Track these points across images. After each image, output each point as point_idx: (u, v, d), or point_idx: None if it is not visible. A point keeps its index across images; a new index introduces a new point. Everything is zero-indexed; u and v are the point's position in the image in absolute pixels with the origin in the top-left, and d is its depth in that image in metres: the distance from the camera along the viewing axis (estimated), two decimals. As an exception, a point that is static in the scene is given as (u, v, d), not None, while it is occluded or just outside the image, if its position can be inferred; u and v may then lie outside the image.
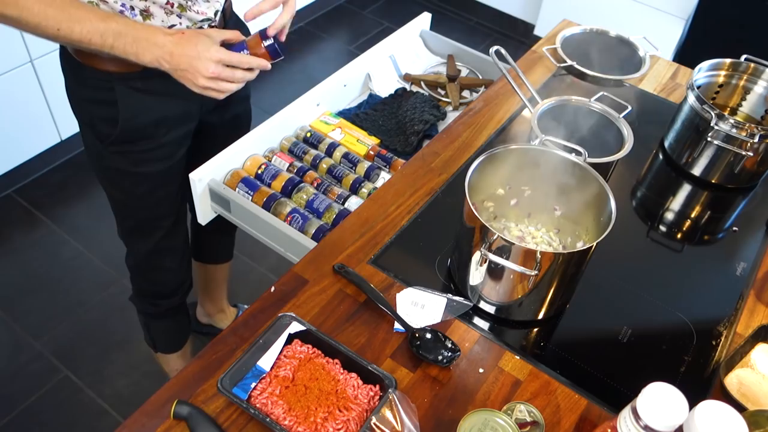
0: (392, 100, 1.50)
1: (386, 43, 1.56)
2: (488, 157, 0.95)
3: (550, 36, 1.57)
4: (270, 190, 1.26)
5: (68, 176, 2.33)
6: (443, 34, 1.65)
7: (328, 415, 0.79)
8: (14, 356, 1.83)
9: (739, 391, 0.87)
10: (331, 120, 1.43)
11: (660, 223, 1.18)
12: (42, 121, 2.17)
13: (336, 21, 3.28)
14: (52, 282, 2.02)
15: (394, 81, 1.57)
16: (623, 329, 0.97)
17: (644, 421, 0.64)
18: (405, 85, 1.55)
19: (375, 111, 1.48)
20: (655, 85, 1.47)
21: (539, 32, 3.10)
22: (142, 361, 1.84)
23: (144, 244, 1.34)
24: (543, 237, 1.06)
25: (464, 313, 0.95)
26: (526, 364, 0.90)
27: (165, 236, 1.33)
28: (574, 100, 1.20)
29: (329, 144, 1.36)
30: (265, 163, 1.29)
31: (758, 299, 1.04)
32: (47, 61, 2.05)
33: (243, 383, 0.82)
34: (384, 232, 1.07)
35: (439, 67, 1.62)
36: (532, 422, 0.82)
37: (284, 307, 0.93)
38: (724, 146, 1.16)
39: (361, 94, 1.56)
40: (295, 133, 1.41)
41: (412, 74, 1.57)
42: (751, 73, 1.27)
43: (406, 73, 1.57)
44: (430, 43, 1.65)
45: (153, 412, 0.81)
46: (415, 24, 1.63)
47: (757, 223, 1.17)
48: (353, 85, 1.52)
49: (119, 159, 1.18)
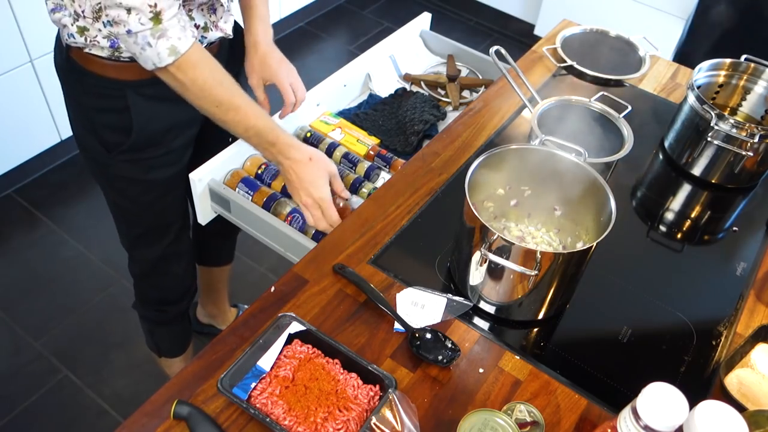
0: (392, 100, 1.49)
1: (386, 43, 1.56)
2: (488, 157, 0.95)
3: (550, 36, 1.57)
4: (270, 190, 1.26)
5: (68, 176, 2.33)
6: (443, 34, 1.65)
7: (328, 415, 0.79)
8: (14, 356, 1.83)
9: (739, 391, 0.87)
10: (331, 120, 1.43)
11: (660, 223, 1.18)
12: (42, 121, 2.17)
13: (336, 21, 3.28)
14: (52, 282, 2.02)
15: (394, 81, 1.56)
16: (623, 329, 0.97)
17: (644, 421, 0.64)
18: (405, 85, 1.55)
19: (375, 111, 1.48)
20: (655, 85, 1.47)
21: (539, 32, 3.10)
22: (142, 361, 1.84)
23: (152, 251, 1.33)
24: (543, 237, 1.06)
25: (464, 313, 0.95)
26: (526, 364, 0.90)
27: (173, 242, 1.33)
28: (574, 100, 1.20)
29: (329, 144, 1.36)
30: (265, 163, 1.29)
31: (758, 299, 1.03)
32: (47, 61, 2.04)
33: (243, 383, 0.82)
34: (384, 232, 1.07)
35: (439, 67, 1.62)
36: (532, 422, 0.82)
37: (284, 307, 0.93)
38: (724, 146, 1.16)
39: (361, 94, 1.56)
40: (295, 133, 1.41)
41: (412, 74, 1.57)
42: (751, 73, 1.27)
43: (406, 73, 1.57)
44: (430, 43, 1.65)
45: (153, 412, 0.81)
46: (415, 24, 1.63)
47: (757, 223, 1.17)
48: (353, 85, 1.52)
49: (127, 167, 1.17)
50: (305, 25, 3.20)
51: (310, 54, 3.05)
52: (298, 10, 3.09)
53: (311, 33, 3.18)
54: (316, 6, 3.22)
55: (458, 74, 1.56)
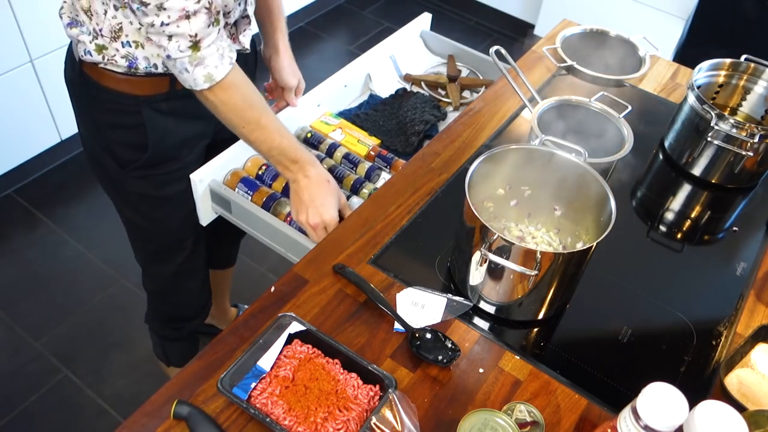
0: (393, 100, 1.49)
1: (386, 43, 1.56)
2: (488, 157, 0.95)
3: (550, 36, 1.57)
4: (269, 189, 1.26)
5: (68, 176, 2.33)
6: (443, 34, 1.65)
7: (328, 415, 0.79)
8: (14, 356, 1.83)
9: (739, 391, 0.87)
10: (331, 120, 1.43)
11: (660, 223, 1.18)
12: (42, 121, 2.17)
13: (336, 21, 3.28)
14: (52, 282, 2.02)
15: (394, 81, 1.56)
16: (623, 329, 0.97)
17: (644, 421, 0.64)
18: (405, 86, 1.55)
19: (375, 111, 1.47)
20: (655, 85, 1.47)
21: (539, 32, 3.10)
22: (142, 361, 1.84)
23: (167, 267, 1.32)
24: (543, 237, 1.06)
25: (464, 313, 0.95)
26: (526, 364, 0.90)
27: (188, 257, 1.32)
28: (574, 100, 1.20)
29: (330, 144, 1.36)
30: (266, 164, 1.29)
31: (758, 299, 1.03)
32: (47, 61, 2.05)
33: (243, 383, 0.82)
34: (384, 232, 1.07)
35: (439, 68, 1.61)
36: (532, 422, 0.82)
37: (284, 307, 0.93)
38: (724, 146, 1.16)
39: (361, 94, 1.56)
40: (295, 134, 1.41)
41: (412, 74, 1.56)
42: (751, 73, 1.27)
43: (407, 73, 1.57)
44: (431, 43, 1.65)
45: (153, 412, 0.81)
46: (416, 24, 1.63)
47: (757, 223, 1.17)
48: (354, 85, 1.52)
49: (141, 183, 1.16)
50: (305, 25, 3.20)
51: (310, 54, 3.05)
52: (298, 10, 3.09)
53: (311, 33, 3.18)
54: (316, 6, 3.22)
55: (459, 74, 1.56)
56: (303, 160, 1.10)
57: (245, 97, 1.04)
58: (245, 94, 1.04)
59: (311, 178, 1.11)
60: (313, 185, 1.11)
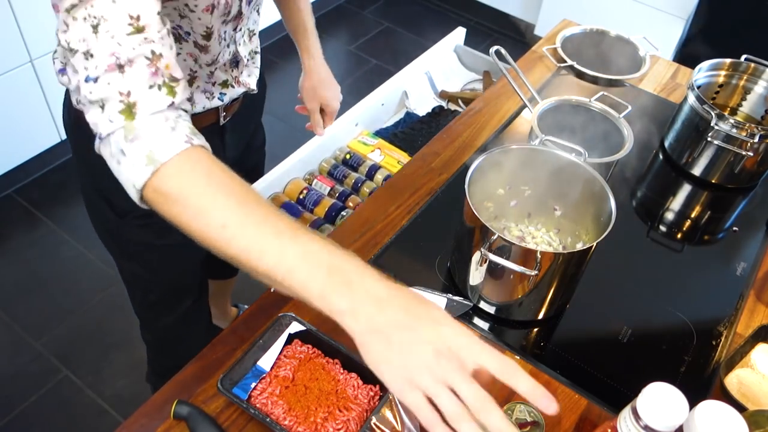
0: (430, 118, 1.47)
1: (421, 60, 1.52)
2: (488, 157, 0.95)
3: (550, 36, 1.57)
4: (313, 216, 1.23)
5: (68, 176, 2.32)
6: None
7: (328, 415, 0.79)
8: (14, 356, 1.83)
9: (739, 391, 0.87)
10: (369, 140, 1.40)
11: (660, 223, 1.18)
12: (42, 121, 2.17)
13: (336, 21, 3.28)
14: (52, 282, 2.02)
15: (430, 98, 1.53)
16: (623, 329, 0.97)
17: (644, 421, 0.64)
18: (441, 103, 1.52)
19: (413, 130, 1.45)
20: (655, 85, 1.47)
21: (539, 32, 3.10)
22: (142, 361, 1.83)
23: (168, 316, 1.24)
24: (543, 237, 1.06)
25: (464, 313, 0.95)
26: (526, 364, 0.90)
27: (192, 304, 1.23)
28: (574, 100, 1.20)
29: (370, 166, 1.33)
30: (307, 188, 1.26)
31: (758, 299, 1.03)
32: (47, 61, 2.05)
33: (243, 383, 0.82)
34: (384, 232, 1.07)
35: (474, 84, 1.59)
36: (532, 422, 0.82)
37: (284, 307, 0.93)
38: (724, 146, 1.16)
39: (396, 112, 1.53)
40: (333, 155, 1.38)
41: (448, 91, 1.54)
42: (751, 73, 1.27)
43: (443, 90, 1.54)
44: (465, 58, 1.62)
45: (153, 412, 0.81)
46: (449, 40, 1.59)
47: (757, 223, 1.17)
48: (390, 103, 1.49)
49: (141, 232, 1.08)
50: (305, 25, 3.20)
51: (310, 54, 3.05)
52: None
53: (311, 33, 3.18)
54: (316, 6, 3.22)
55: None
56: (352, 266, 0.65)
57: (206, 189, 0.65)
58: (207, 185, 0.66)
59: (378, 291, 0.64)
60: (391, 299, 0.64)
